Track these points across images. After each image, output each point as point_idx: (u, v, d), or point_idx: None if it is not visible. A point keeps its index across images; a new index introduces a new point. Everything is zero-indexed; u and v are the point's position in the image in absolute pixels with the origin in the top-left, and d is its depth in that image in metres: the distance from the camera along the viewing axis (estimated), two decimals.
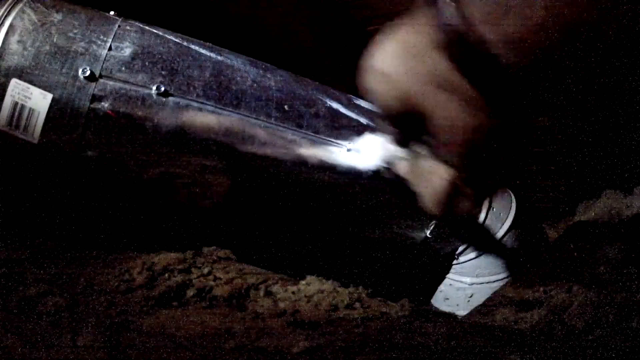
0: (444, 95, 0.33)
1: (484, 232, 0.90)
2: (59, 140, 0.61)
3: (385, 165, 0.79)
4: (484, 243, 0.89)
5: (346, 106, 0.81)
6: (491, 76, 0.31)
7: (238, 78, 0.72)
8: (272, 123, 0.71)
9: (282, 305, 0.61)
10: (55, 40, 0.61)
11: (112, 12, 0.69)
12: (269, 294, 0.64)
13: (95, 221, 0.76)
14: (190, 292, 0.59)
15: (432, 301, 1.04)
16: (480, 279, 0.96)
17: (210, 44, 0.75)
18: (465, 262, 0.96)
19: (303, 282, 0.69)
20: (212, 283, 0.63)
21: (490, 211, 0.91)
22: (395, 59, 0.34)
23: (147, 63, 0.65)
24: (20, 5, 0.62)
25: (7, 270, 0.57)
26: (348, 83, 1.38)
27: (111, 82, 0.63)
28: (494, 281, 0.94)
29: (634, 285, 0.72)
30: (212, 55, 0.72)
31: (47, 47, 0.61)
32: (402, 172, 0.47)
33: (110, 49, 0.64)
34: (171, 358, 0.44)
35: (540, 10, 0.28)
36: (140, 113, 0.64)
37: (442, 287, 1.02)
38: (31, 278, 0.56)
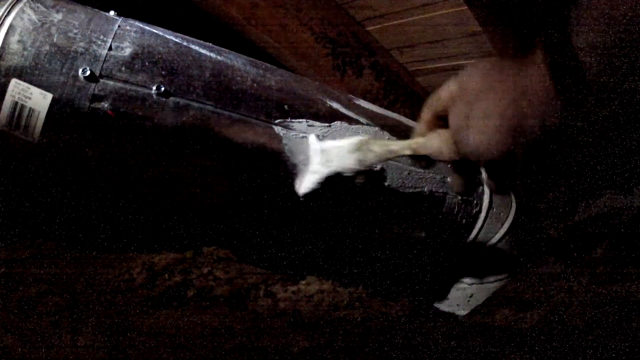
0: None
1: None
2: (59, 140, 0.61)
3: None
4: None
5: (346, 106, 0.81)
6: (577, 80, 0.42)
7: (238, 78, 0.72)
8: (272, 123, 0.71)
9: (282, 305, 0.61)
10: (55, 40, 0.61)
11: (112, 12, 0.69)
12: (269, 294, 0.64)
13: (95, 221, 0.76)
14: (190, 292, 0.59)
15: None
16: (480, 279, 0.96)
17: (210, 44, 0.75)
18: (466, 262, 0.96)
19: (303, 282, 0.69)
20: (212, 283, 0.63)
21: (490, 211, 0.91)
22: None
23: (147, 63, 0.65)
24: (20, 5, 0.62)
25: (7, 270, 0.57)
26: (348, 83, 1.38)
27: (111, 82, 0.63)
28: (494, 281, 0.94)
29: (634, 285, 0.72)
30: (212, 55, 0.72)
31: (47, 47, 0.61)
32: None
33: (110, 48, 0.64)
34: (171, 358, 0.44)
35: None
36: (140, 113, 0.64)
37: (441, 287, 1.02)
38: (31, 278, 0.56)
